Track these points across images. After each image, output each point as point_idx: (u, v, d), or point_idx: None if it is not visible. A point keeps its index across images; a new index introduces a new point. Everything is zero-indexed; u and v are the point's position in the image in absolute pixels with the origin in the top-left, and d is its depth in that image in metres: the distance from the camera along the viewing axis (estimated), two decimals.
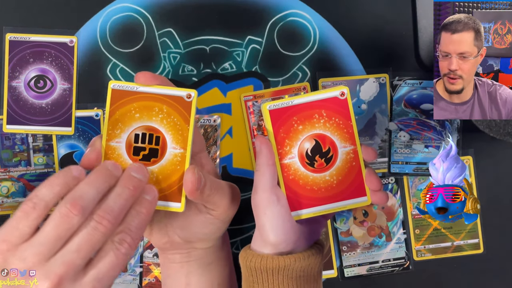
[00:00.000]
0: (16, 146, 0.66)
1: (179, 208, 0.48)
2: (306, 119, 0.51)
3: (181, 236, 0.53)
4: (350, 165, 0.52)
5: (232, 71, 0.67)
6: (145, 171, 0.46)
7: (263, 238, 0.51)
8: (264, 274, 0.51)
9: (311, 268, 0.52)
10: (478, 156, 0.69)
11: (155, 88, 0.47)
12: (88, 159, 0.46)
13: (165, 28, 0.66)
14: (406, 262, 0.69)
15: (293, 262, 0.50)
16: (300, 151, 0.51)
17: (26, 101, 0.65)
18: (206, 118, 0.66)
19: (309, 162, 0.51)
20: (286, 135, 0.51)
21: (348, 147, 0.52)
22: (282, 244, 0.51)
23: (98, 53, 0.66)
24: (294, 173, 0.51)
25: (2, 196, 0.66)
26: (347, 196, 0.52)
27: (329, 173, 0.52)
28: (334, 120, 0.51)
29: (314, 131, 0.51)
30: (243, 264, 0.53)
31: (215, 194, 0.49)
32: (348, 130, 0.52)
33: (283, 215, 0.50)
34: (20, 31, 0.65)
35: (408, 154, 0.68)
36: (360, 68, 0.68)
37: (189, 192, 0.47)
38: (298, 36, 0.67)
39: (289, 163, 0.51)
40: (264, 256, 0.51)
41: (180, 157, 0.48)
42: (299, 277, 0.51)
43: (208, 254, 0.55)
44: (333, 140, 0.51)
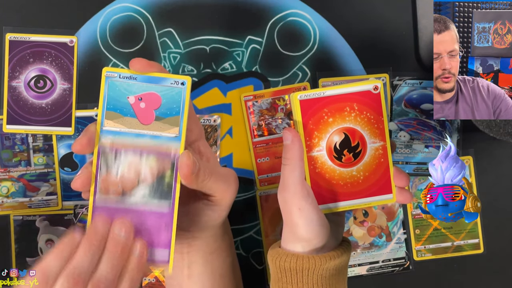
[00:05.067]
0: (16, 146, 0.66)
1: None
2: (337, 111, 0.50)
3: (181, 225, 0.52)
4: (378, 161, 0.51)
5: (232, 71, 0.67)
6: (129, 226, 0.46)
7: (295, 235, 0.50)
8: (299, 274, 0.50)
9: (342, 266, 0.51)
10: (478, 156, 0.69)
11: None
12: (79, 144, 0.46)
13: (165, 28, 0.66)
14: (406, 262, 0.69)
15: (328, 260, 0.50)
16: (329, 144, 0.50)
17: (26, 101, 0.65)
18: (206, 118, 0.66)
19: (337, 156, 0.50)
20: (315, 127, 0.50)
21: (377, 143, 0.51)
22: (316, 239, 0.50)
23: (98, 53, 0.66)
24: (320, 167, 0.50)
25: (2, 196, 0.66)
26: (373, 192, 0.51)
27: (356, 169, 0.51)
28: (366, 114, 0.50)
29: (344, 124, 0.50)
30: (274, 265, 0.52)
31: (209, 178, 0.48)
32: (379, 125, 0.51)
33: (314, 209, 0.49)
34: (20, 31, 0.65)
35: (408, 154, 0.68)
36: (360, 68, 0.68)
37: (184, 176, 0.46)
38: (298, 36, 0.67)
39: (316, 155, 0.50)
40: (300, 256, 0.50)
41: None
42: (332, 276, 0.50)
43: (209, 244, 0.55)
44: (363, 135, 0.51)
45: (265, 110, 0.66)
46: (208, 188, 0.49)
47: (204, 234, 0.54)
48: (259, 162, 0.67)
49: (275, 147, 0.66)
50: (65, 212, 0.66)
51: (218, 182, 0.50)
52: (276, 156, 0.66)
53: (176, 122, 0.47)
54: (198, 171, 0.47)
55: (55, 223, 0.66)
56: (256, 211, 0.67)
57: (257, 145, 0.66)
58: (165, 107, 0.47)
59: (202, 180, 0.48)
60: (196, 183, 0.48)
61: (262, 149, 0.66)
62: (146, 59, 0.48)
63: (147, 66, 0.47)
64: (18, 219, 0.66)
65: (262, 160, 0.67)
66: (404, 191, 0.52)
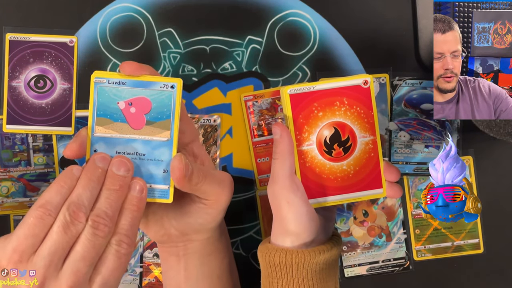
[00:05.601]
0: (16, 146, 0.66)
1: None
2: (326, 106, 0.50)
3: (177, 228, 0.52)
4: (368, 155, 0.51)
5: (232, 71, 0.67)
6: (128, 165, 0.46)
7: (284, 228, 0.50)
8: (288, 269, 0.50)
9: (332, 260, 0.51)
10: (478, 156, 0.69)
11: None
12: (70, 149, 0.46)
13: (165, 28, 0.66)
14: (406, 262, 0.69)
15: (318, 255, 0.50)
16: (319, 139, 0.50)
17: (26, 101, 0.65)
18: (206, 118, 0.66)
19: (327, 150, 0.51)
20: (306, 121, 0.50)
21: (367, 137, 0.51)
22: (305, 233, 0.50)
23: (98, 53, 0.66)
24: (311, 161, 0.51)
25: (2, 196, 0.66)
26: (363, 187, 0.51)
27: (347, 163, 0.51)
28: (355, 108, 0.50)
29: (334, 118, 0.50)
30: (264, 260, 0.52)
31: (203, 182, 0.48)
32: (368, 120, 0.51)
33: (304, 203, 0.50)
34: (20, 31, 0.65)
35: (408, 154, 0.68)
36: (360, 68, 0.68)
37: (176, 180, 0.46)
38: (298, 36, 0.67)
39: (306, 150, 0.50)
40: (289, 251, 0.50)
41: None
42: (322, 270, 0.50)
43: (206, 246, 0.55)
44: (353, 129, 0.51)
45: (265, 110, 0.66)
46: (202, 191, 0.49)
47: (200, 236, 0.54)
48: (259, 162, 0.67)
49: None
50: None
51: (212, 185, 0.49)
52: None
53: (167, 126, 0.47)
54: (191, 175, 0.47)
55: None
56: (256, 211, 0.67)
57: (257, 145, 0.66)
58: (156, 111, 0.47)
59: (196, 183, 0.48)
60: (190, 186, 0.47)
61: (262, 149, 0.66)
62: (137, 62, 0.47)
63: (137, 69, 0.47)
64: (18, 219, 0.66)
65: (262, 160, 0.67)
66: (394, 186, 0.52)
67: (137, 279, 0.66)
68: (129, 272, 0.66)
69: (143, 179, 0.47)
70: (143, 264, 0.66)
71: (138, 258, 0.66)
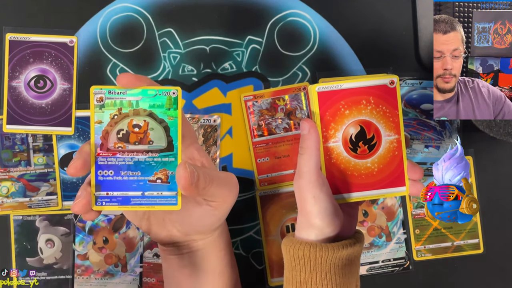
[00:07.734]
0: (16, 146, 0.66)
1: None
2: (353, 104, 0.51)
3: (180, 230, 0.52)
4: (392, 154, 0.52)
5: (232, 71, 0.67)
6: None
7: (309, 223, 0.51)
8: (312, 262, 0.50)
9: (355, 257, 0.52)
10: (478, 156, 0.69)
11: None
12: (74, 167, 0.45)
13: (165, 28, 0.66)
14: (406, 262, 0.69)
15: (341, 249, 0.50)
16: (345, 136, 0.51)
17: (26, 101, 0.65)
18: (206, 118, 0.66)
19: (352, 147, 0.52)
20: (332, 118, 0.51)
21: (392, 136, 0.52)
22: (329, 227, 0.50)
23: (98, 53, 0.66)
24: (336, 157, 0.52)
25: (2, 196, 0.66)
26: (386, 184, 0.52)
27: (371, 160, 0.52)
28: (381, 108, 0.52)
29: (360, 117, 0.51)
30: (288, 253, 0.52)
31: (210, 185, 0.48)
32: (394, 119, 0.52)
33: (329, 198, 0.50)
34: (20, 31, 0.65)
35: (408, 154, 0.68)
36: (360, 68, 0.68)
37: (183, 189, 0.46)
38: (298, 36, 0.67)
39: (332, 146, 0.51)
40: (313, 244, 0.50)
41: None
42: (345, 266, 0.51)
43: (208, 244, 0.55)
44: (378, 128, 0.52)
45: (265, 110, 0.66)
46: (210, 195, 0.49)
47: (202, 236, 0.54)
48: (259, 162, 0.67)
49: (275, 147, 0.66)
50: (65, 212, 0.66)
51: (220, 187, 0.50)
52: (276, 156, 0.66)
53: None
54: (198, 180, 0.47)
55: (55, 223, 0.66)
56: (256, 211, 0.67)
57: (257, 145, 0.66)
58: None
59: (203, 187, 0.48)
60: (197, 192, 0.47)
61: (262, 149, 0.66)
62: (133, 74, 0.47)
63: (134, 80, 0.47)
64: (18, 219, 0.66)
65: (262, 160, 0.67)
66: (417, 184, 0.53)
67: (137, 279, 0.66)
68: (129, 272, 0.66)
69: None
70: (143, 264, 0.66)
71: (138, 258, 0.66)
